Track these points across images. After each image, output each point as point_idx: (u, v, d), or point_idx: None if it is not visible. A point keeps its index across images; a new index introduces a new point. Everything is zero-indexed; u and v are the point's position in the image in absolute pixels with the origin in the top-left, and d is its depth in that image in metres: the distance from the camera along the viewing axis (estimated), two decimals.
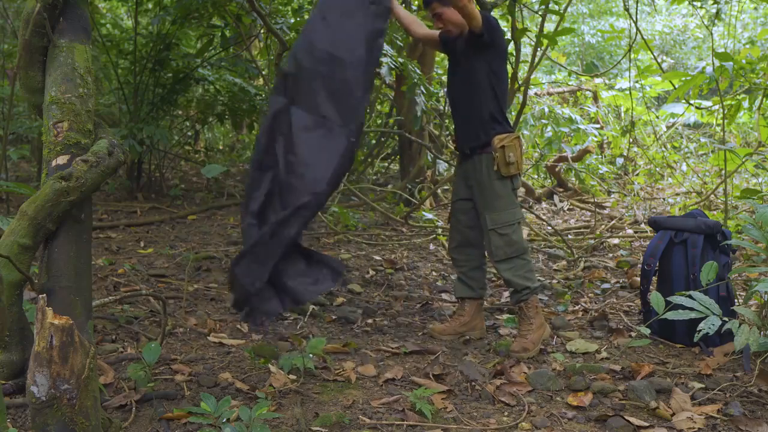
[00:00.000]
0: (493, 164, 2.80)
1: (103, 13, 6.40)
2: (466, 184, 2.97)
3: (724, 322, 2.24)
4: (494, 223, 2.82)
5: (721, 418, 2.17)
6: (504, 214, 2.82)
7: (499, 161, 2.79)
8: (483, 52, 2.80)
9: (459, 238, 3.04)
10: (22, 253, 1.87)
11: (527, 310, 2.85)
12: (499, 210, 2.82)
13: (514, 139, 2.82)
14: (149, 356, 2.21)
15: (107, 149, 2.02)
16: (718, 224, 2.94)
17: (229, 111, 6.74)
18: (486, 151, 2.84)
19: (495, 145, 2.79)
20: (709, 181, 6.99)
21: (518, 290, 2.84)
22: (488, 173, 2.83)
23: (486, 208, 2.84)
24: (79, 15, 2.17)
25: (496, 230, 2.81)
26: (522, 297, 2.85)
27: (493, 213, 2.82)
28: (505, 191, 2.84)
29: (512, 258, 2.82)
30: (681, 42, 11.95)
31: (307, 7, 4.42)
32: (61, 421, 1.54)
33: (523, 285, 2.82)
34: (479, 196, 2.87)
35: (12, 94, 2.78)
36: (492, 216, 2.82)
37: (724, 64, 4.31)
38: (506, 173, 2.80)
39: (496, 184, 2.83)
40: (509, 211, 2.83)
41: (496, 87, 2.83)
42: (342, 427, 2.05)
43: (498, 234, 2.82)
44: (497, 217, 2.82)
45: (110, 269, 3.75)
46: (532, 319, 2.83)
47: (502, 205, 2.82)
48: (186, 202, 5.91)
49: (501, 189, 2.83)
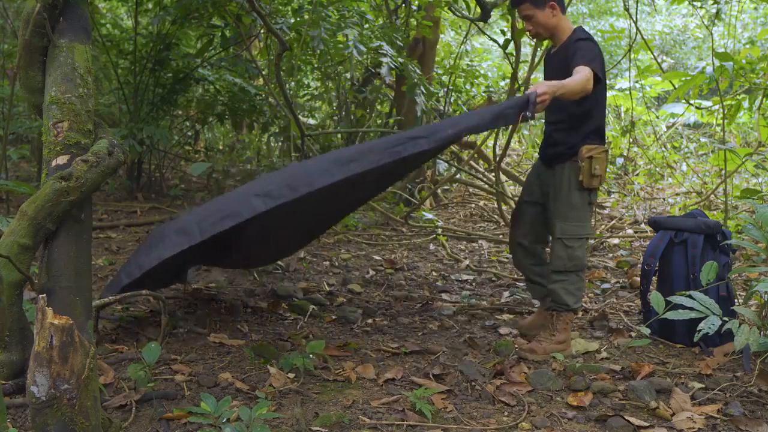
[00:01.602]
0: (578, 174, 2.76)
1: (103, 13, 6.40)
2: (541, 189, 2.95)
3: (724, 322, 2.24)
4: (563, 233, 2.78)
5: (721, 418, 2.17)
6: (575, 227, 2.78)
7: (584, 171, 2.74)
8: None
9: (518, 240, 3.05)
10: (22, 253, 1.88)
11: (556, 322, 2.82)
12: (570, 221, 2.78)
13: (603, 152, 2.77)
14: (149, 356, 2.21)
15: (107, 149, 2.02)
16: (718, 224, 2.94)
17: (229, 111, 6.74)
18: (572, 160, 2.80)
19: (582, 154, 2.75)
20: (709, 181, 6.99)
21: (557, 301, 2.82)
22: (569, 182, 2.79)
23: (558, 216, 2.81)
24: (79, 15, 2.17)
25: (563, 240, 2.78)
26: (556, 308, 2.83)
27: (564, 222, 2.79)
28: (581, 203, 2.80)
29: (569, 272, 2.80)
30: (681, 42, 11.95)
31: (307, 7, 4.42)
32: (61, 421, 1.54)
33: (564, 300, 2.80)
34: (554, 203, 2.84)
35: (12, 94, 2.78)
36: (563, 225, 2.79)
37: (724, 64, 4.31)
38: (588, 185, 2.76)
39: (574, 194, 2.79)
40: (580, 225, 2.80)
41: (593, 108, 2.79)
42: (342, 427, 2.05)
43: (564, 245, 2.78)
44: (567, 227, 2.78)
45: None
46: (557, 332, 2.81)
47: (574, 216, 2.79)
48: (186, 202, 5.91)
49: (578, 200, 2.79)
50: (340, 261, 4.27)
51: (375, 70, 6.68)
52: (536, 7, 2.78)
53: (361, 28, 4.36)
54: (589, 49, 2.68)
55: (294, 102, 6.34)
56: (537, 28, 2.84)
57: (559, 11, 2.81)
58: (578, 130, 2.79)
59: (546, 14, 2.79)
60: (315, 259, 4.30)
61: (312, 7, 4.14)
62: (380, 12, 5.72)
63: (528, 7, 2.80)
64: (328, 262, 4.22)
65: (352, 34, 4.09)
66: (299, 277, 3.87)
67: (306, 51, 5.67)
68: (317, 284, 3.73)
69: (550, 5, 2.78)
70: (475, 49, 7.84)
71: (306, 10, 4.34)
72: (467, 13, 5.15)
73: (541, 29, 2.84)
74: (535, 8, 2.79)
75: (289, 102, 4.81)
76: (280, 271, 3.94)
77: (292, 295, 3.48)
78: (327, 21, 4.16)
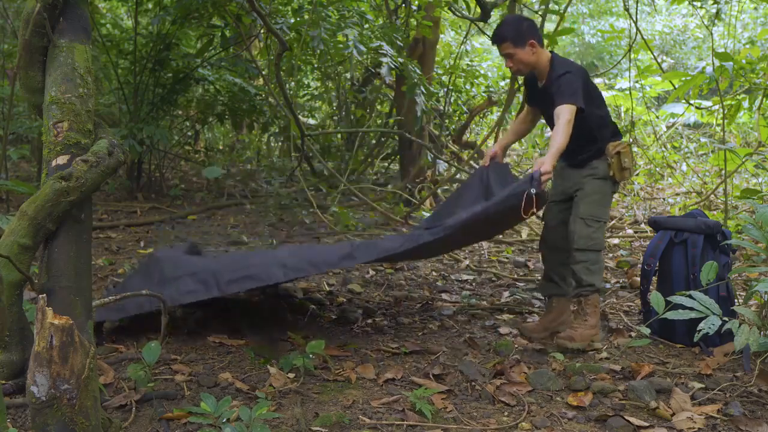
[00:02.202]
0: (609, 170, 2.91)
1: (103, 13, 6.40)
2: (563, 188, 3.06)
3: (724, 322, 2.24)
4: (586, 213, 2.89)
5: (721, 418, 2.17)
6: (597, 209, 2.90)
7: (614, 167, 2.90)
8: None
9: (548, 238, 3.14)
10: (22, 253, 1.87)
11: (585, 306, 2.89)
12: (593, 204, 2.90)
13: (627, 146, 2.92)
14: (149, 356, 2.21)
15: (107, 149, 2.02)
16: (718, 224, 2.94)
17: (229, 111, 6.74)
18: (600, 158, 2.94)
19: (610, 151, 2.90)
20: (709, 181, 6.99)
21: (582, 284, 2.88)
22: (602, 173, 2.93)
23: (583, 198, 2.92)
24: (79, 15, 2.17)
25: (585, 220, 2.89)
26: (583, 292, 2.88)
27: (587, 204, 2.90)
28: (606, 190, 2.95)
29: (590, 251, 2.88)
30: (681, 42, 11.94)
31: (307, 7, 4.42)
32: (61, 421, 1.54)
33: (588, 281, 2.86)
34: (582, 190, 2.94)
35: (12, 94, 2.78)
36: (586, 206, 2.90)
37: (724, 64, 4.31)
38: (620, 178, 2.93)
39: (604, 183, 2.94)
40: (602, 209, 2.93)
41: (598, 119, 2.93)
42: (342, 427, 2.05)
43: (585, 224, 2.88)
44: (590, 209, 2.89)
45: (110, 269, 3.76)
46: (588, 316, 2.87)
47: (598, 199, 2.92)
48: (186, 202, 5.91)
49: (603, 187, 2.94)
50: None
51: (375, 70, 6.68)
52: (517, 46, 2.88)
53: (361, 28, 4.36)
54: (567, 84, 2.79)
55: (294, 102, 6.35)
56: (518, 65, 2.94)
57: (539, 47, 2.91)
58: (597, 137, 2.93)
59: (526, 52, 2.89)
60: None
61: (312, 7, 4.14)
62: (380, 12, 5.72)
63: (509, 46, 2.89)
64: None
65: (352, 34, 4.09)
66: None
67: (306, 51, 5.68)
68: (317, 284, 3.73)
69: (530, 43, 2.88)
70: (475, 49, 7.84)
71: (306, 10, 4.34)
72: (467, 13, 5.15)
73: (521, 66, 2.94)
74: (516, 47, 2.88)
75: (289, 102, 4.81)
76: None
77: (292, 295, 3.48)
78: (327, 21, 4.16)
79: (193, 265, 2.82)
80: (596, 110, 2.92)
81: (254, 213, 5.58)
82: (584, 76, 2.89)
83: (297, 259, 2.57)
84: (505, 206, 2.56)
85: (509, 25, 2.91)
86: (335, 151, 7.54)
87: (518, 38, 2.85)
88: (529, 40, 2.86)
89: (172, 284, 2.70)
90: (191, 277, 2.70)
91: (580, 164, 2.96)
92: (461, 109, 7.50)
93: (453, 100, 7.08)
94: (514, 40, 2.86)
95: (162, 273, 2.82)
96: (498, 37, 2.91)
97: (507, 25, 2.92)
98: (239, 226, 5.15)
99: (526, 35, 2.86)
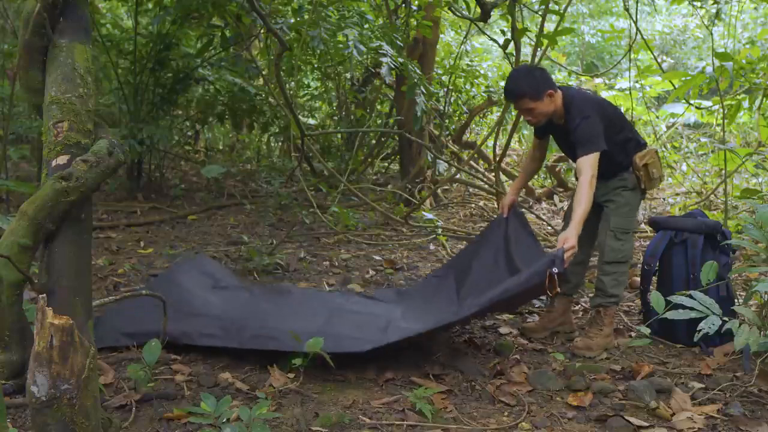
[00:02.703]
0: (639, 183, 2.92)
1: (103, 13, 6.39)
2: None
3: (724, 322, 2.24)
4: (616, 225, 2.90)
5: (721, 418, 2.17)
6: (626, 221, 2.91)
7: (644, 179, 2.91)
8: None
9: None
10: (22, 253, 1.87)
11: (603, 317, 2.90)
12: (623, 216, 2.90)
13: (654, 153, 2.92)
14: (149, 356, 2.21)
15: (107, 149, 2.02)
16: (718, 224, 2.94)
17: (229, 111, 6.74)
18: (628, 170, 2.93)
19: (637, 164, 2.89)
20: (709, 181, 6.99)
21: (606, 295, 2.89)
22: (632, 184, 2.93)
23: (614, 210, 2.92)
24: (79, 15, 2.16)
25: (615, 233, 2.89)
26: (605, 302, 2.91)
27: (618, 217, 2.90)
28: (635, 201, 2.96)
29: (620, 263, 2.89)
30: (681, 42, 11.94)
31: (307, 7, 4.42)
32: (61, 421, 1.54)
33: (613, 292, 2.88)
34: (612, 201, 2.93)
35: (12, 94, 2.78)
36: (616, 219, 2.90)
37: (724, 64, 4.30)
38: (650, 188, 2.94)
39: (634, 194, 2.95)
40: (630, 220, 2.94)
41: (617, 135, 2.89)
42: (342, 427, 2.05)
43: (616, 237, 2.89)
44: (620, 221, 2.90)
45: (110, 269, 3.76)
46: (603, 326, 2.89)
47: (627, 212, 2.92)
48: (186, 202, 5.91)
49: (632, 199, 2.94)
50: (340, 261, 4.27)
51: (375, 70, 6.67)
52: (535, 100, 2.79)
53: (361, 28, 4.35)
54: (585, 133, 2.74)
55: (294, 102, 6.34)
56: (538, 118, 2.86)
57: (554, 93, 2.83)
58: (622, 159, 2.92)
59: (545, 104, 2.81)
60: (315, 259, 4.30)
61: (312, 7, 4.14)
62: (380, 12, 5.71)
63: (527, 102, 2.81)
64: (328, 262, 4.22)
65: (352, 34, 4.09)
66: (299, 277, 3.86)
67: (306, 51, 5.68)
68: (317, 284, 3.73)
69: (548, 94, 2.80)
70: (475, 49, 7.83)
71: (306, 10, 4.34)
72: (467, 13, 5.15)
73: (541, 117, 2.86)
74: (535, 101, 2.79)
75: (289, 102, 4.81)
76: (280, 271, 3.94)
77: None
78: (327, 21, 4.16)
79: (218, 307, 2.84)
80: (615, 136, 2.87)
81: (254, 213, 5.58)
82: (600, 109, 2.83)
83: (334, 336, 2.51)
84: (527, 286, 2.50)
85: (523, 80, 2.81)
86: (335, 151, 7.54)
87: (536, 92, 2.77)
88: (546, 92, 2.79)
89: (194, 320, 2.71)
90: (215, 320, 2.71)
91: (608, 176, 2.93)
92: (461, 109, 7.50)
93: (453, 100, 7.07)
94: (531, 96, 2.78)
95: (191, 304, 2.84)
96: (514, 94, 2.82)
97: (521, 80, 2.82)
98: (239, 226, 5.15)
99: (542, 87, 2.78)
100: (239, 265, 3.97)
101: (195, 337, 2.61)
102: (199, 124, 7.50)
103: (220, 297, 3.04)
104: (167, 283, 3.07)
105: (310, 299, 3.15)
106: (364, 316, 2.89)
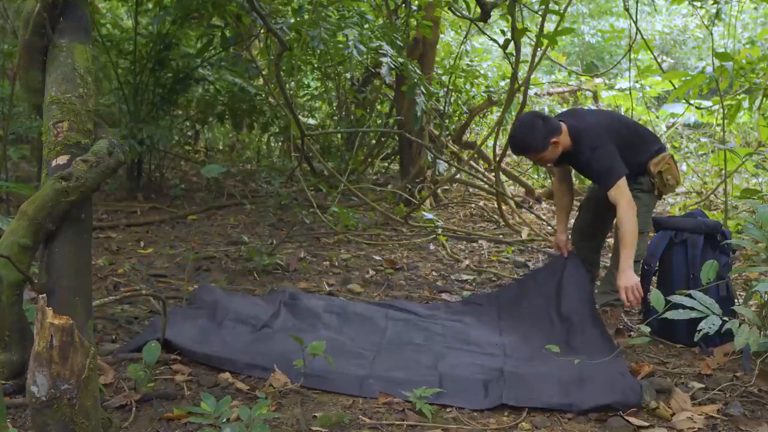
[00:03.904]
0: (654, 189, 2.99)
1: (103, 13, 6.39)
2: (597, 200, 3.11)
3: (724, 322, 2.24)
4: None
5: (721, 418, 2.17)
6: (641, 223, 2.92)
7: (659, 186, 2.96)
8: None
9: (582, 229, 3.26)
10: (22, 253, 1.87)
11: (610, 317, 3.05)
12: (638, 216, 2.90)
13: (669, 159, 2.95)
14: (149, 356, 2.21)
15: (107, 149, 2.02)
16: (718, 224, 2.94)
17: (229, 111, 6.74)
18: (644, 174, 2.98)
19: (652, 171, 2.94)
20: (709, 181, 6.99)
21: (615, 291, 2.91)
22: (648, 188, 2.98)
23: None
24: (79, 15, 2.17)
25: None
26: (615, 303, 3.04)
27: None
28: (651, 202, 3.04)
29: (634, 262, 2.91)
30: (681, 42, 11.94)
31: (307, 7, 4.42)
32: (61, 421, 1.54)
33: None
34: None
35: (12, 94, 2.78)
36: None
37: (724, 64, 4.30)
38: (666, 193, 3.02)
39: (645, 195, 3.01)
40: (645, 221, 2.99)
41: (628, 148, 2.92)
42: (342, 427, 2.05)
43: None
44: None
45: (110, 269, 3.76)
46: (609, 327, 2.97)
47: (642, 213, 2.96)
48: (186, 202, 5.91)
49: (648, 200, 3.01)
50: (340, 261, 4.27)
51: (375, 70, 6.67)
52: (541, 151, 2.88)
53: (361, 28, 4.35)
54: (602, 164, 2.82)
55: (294, 102, 6.34)
56: (547, 163, 3.03)
57: (559, 137, 2.88)
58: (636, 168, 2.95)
59: (551, 151, 2.90)
60: (315, 259, 4.30)
61: (312, 7, 4.14)
62: (380, 12, 5.71)
63: (533, 155, 2.93)
64: (328, 262, 4.22)
65: (352, 34, 4.09)
66: (299, 277, 3.86)
67: (306, 51, 5.68)
68: (317, 284, 3.73)
69: (552, 143, 2.86)
70: (475, 49, 7.82)
71: (306, 10, 4.34)
72: (467, 13, 5.15)
73: (550, 162, 3.00)
74: (541, 152, 2.89)
75: (289, 102, 4.81)
76: (280, 271, 3.94)
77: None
78: (327, 21, 4.16)
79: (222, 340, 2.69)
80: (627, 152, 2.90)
81: (254, 213, 5.58)
82: (609, 131, 2.88)
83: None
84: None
85: (528, 135, 2.85)
86: (335, 151, 7.54)
87: (540, 145, 2.86)
88: (550, 141, 2.84)
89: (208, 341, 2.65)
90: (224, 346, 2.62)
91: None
92: (461, 109, 7.49)
93: (453, 100, 7.07)
94: (536, 149, 2.87)
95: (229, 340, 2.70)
96: (521, 148, 2.93)
97: (525, 136, 2.87)
98: (239, 226, 5.15)
99: (546, 138, 2.84)
100: (239, 265, 3.97)
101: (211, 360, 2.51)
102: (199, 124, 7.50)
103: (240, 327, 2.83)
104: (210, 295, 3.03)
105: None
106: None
